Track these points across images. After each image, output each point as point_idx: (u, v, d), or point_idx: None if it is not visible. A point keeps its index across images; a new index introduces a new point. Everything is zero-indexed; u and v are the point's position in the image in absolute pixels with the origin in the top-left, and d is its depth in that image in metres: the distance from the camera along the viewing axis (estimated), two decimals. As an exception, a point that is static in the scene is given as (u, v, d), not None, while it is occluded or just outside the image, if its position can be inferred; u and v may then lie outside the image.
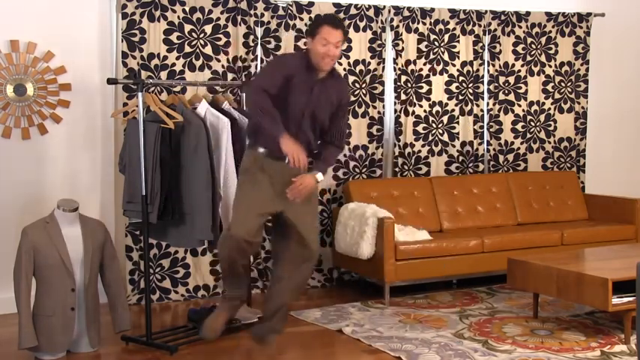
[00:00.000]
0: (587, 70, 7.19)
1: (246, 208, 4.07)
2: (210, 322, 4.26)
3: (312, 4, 6.16)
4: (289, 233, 4.21)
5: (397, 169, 6.54)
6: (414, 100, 6.55)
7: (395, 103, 6.51)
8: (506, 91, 6.91)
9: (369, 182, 6.30)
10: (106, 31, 5.70)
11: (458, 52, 6.70)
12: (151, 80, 5.36)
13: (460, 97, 6.74)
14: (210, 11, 5.87)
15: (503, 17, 6.83)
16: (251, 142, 4.24)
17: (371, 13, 6.36)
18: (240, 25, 5.94)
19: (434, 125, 6.66)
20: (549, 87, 7.08)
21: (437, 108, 6.66)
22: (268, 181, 4.09)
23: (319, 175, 4.12)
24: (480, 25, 6.74)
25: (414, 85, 6.53)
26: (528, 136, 7.02)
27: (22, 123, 5.44)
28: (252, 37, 5.98)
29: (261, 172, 4.10)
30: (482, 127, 6.84)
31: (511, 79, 6.91)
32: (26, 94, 5.44)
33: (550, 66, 7.06)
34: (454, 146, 6.76)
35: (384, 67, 6.46)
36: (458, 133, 6.76)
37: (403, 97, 6.50)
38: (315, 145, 4.26)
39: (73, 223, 4.48)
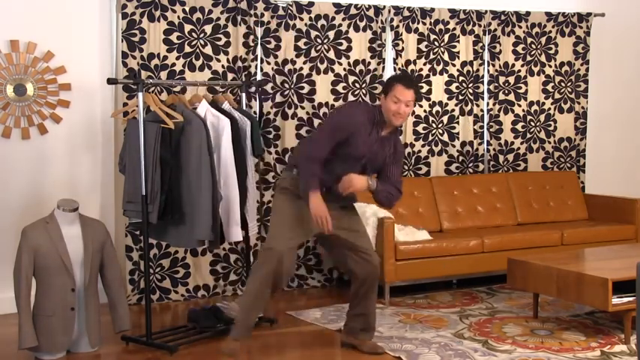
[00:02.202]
0: (587, 70, 7.19)
1: (288, 224, 4.19)
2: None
3: (312, 4, 6.16)
4: (342, 250, 4.35)
5: (397, 169, 6.53)
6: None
7: (395, 103, 6.50)
8: (506, 91, 6.91)
9: (369, 182, 6.29)
10: (106, 31, 5.71)
11: (458, 52, 6.70)
12: (151, 80, 5.36)
13: (460, 97, 6.74)
14: (210, 11, 5.87)
15: (503, 17, 6.82)
16: (294, 167, 4.31)
17: (371, 13, 6.36)
18: (240, 25, 5.94)
19: (434, 125, 6.66)
20: (549, 87, 7.08)
21: (437, 108, 6.66)
22: (305, 205, 4.15)
23: (372, 182, 4.21)
24: (480, 25, 6.74)
25: (414, 85, 6.53)
26: (528, 136, 7.02)
27: (22, 123, 5.44)
28: (252, 37, 5.98)
29: (298, 196, 4.20)
30: (482, 127, 6.84)
31: (511, 79, 6.91)
32: (26, 94, 5.44)
33: (550, 66, 7.06)
34: (454, 146, 6.76)
35: (384, 67, 6.46)
36: (458, 133, 6.76)
37: (403, 97, 6.49)
38: None
39: (73, 223, 4.48)
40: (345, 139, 4.15)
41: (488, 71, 6.85)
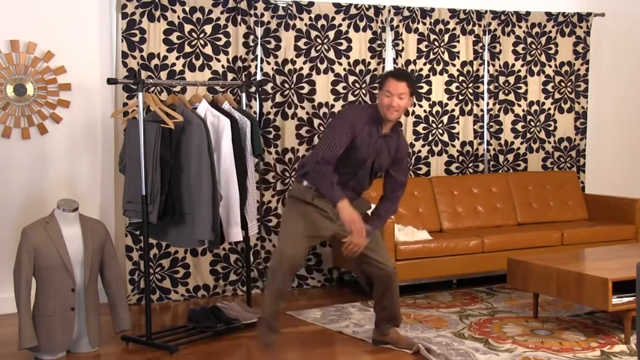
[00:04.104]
0: (587, 70, 7.19)
1: (295, 232, 4.21)
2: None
3: (312, 4, 6.16)
4: (362, 261, 4.38)
5: (397, 169, 6.53)
6: (414, 100, 6.55)
7: (395, 103, 6.50)
8: (506, 91, 6.91)
9: (369, 182, 6.29)
10: (106, 31, 5.71)
11: (458, 52, 6.70)
12: (151, 80, 5.36)
13: (460, 97, 6.74)
14: (210, 11, 5.87)
15: (503, 17, 6.82)
16: (306, 176, 4.29)
17: (371, 13, 6.36)
18: (240, 25, 5.94)
19: (434, 125, 6.66)
20: (549, 87, 7.08)
21: (437, 108, 6.66)
22: (317, 212, 4.23)
23: (369, 229, 4.20)
24: (480, 25, 6.74)
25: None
26: (528, 136, 7.02)
27: (22, 123, 5.44)
28: (252, 37, 5.98)
29: (310, 204, 4.23)
30: (482, 127, 6.84)
31: (511, 79, 6.91)
32: (26, 94, 5.44)
33: (550, 66, 7.06)
34: (454, 146, 6.76)
35: (384, 67, 6.45)
36: (458, 133, 6.76)
37: (403, 97, 6.49)
38: (365, 189, 4.41)
39: (73, 223, 4.48)
40: (349, 143, 4.13)
41: (488, 71, 6.84)
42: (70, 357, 4.49)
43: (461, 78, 6.72)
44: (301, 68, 6.15)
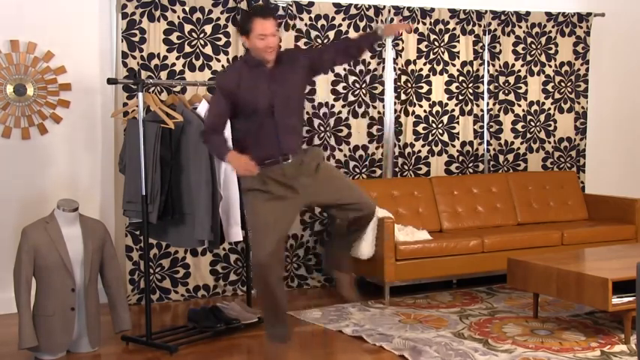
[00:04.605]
0: (587, 70, 7.19)
1: (265, 230, 3.91)
2: None
3: (312, 4, 6.16)
4: (337, 209, 4.13)
5: (397, 169, 6.54)
6: (414, 100, 6.55)
7: (395, 103, 6.51)
8: (506, 91, 6.91)
9: (369, 182, 6.29)
10: (106, 31, 5.71)
11: (458, 52, 6.70)
12: (151, 80, 5.35)
13: (460, 97, 6.74)
14: (210, 11, 5.87)
15: (503, 17, 6.83)
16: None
17: (371, 13, 6.36)
18: (240, 25, 5.94)
19: (434, 125, 6.66)
20: (549, 87, 7.08)
21: (437, 108, 6.66)
22: (277, 189, 3.94)
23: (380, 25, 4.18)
24: (480, 25, 6.74)
25: (414, 85, 6.53)
26: (528, 136, 7.02)
27: (22, 123, 5.44)
28: (252, 37, 5.98)
29: (265, 186, 3.93)
30: (482, 127, 6.84)
31: (511, 79, 6.91)
32: (26, 94, 5.44)
33: (550, 66, 7.06)
34: (454, 146, 6.76)
35: (384, 67, 6.46)
36: (458, 133, 6.76)
37: (403, 97, 6.50)
38: (302, 129, 4.18)
39: (73, 223, 4.48)
40: (238, 101, 3.90)
41: (488, 71, 6.84)
42: (70, 357, 4.49)
43: (461, 78, 6.72)
44: (301, 68, 6.14)
